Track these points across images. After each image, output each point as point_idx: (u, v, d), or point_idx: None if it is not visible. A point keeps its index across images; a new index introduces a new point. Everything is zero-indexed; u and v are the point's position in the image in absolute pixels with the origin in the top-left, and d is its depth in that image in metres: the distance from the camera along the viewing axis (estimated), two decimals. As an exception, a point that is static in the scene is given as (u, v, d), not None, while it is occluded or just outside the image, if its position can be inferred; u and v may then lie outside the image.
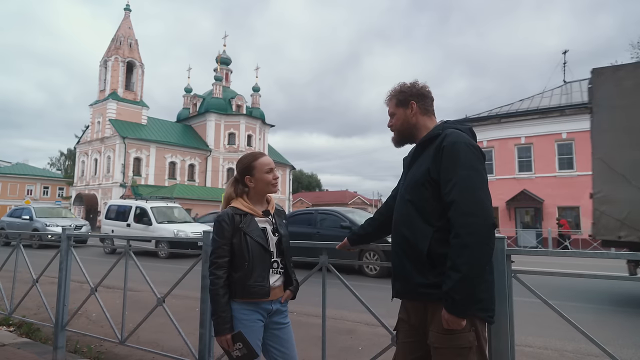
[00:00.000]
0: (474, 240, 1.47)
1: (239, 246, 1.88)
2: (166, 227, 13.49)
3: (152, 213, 13.98)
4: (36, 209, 17.55)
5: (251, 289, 1.87)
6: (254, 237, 1.91)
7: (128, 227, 14.22)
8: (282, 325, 1.99)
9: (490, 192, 1.58)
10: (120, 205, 15.55)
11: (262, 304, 1.92)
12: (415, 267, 1.63)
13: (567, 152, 21.45)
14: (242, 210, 1.96)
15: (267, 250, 1.94)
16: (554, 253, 1.93)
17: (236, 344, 1.82)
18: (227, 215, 1.92)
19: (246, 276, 1.87)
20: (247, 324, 1.87)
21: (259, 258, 1.90)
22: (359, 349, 3.96)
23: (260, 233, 1.94)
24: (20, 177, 55.04)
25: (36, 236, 12.82)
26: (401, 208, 1.75)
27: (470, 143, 1.63)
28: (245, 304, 1.89)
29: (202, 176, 45.68)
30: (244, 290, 1.87)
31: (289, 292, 2.03)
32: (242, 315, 1.88)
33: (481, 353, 1.58)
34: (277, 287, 1.97)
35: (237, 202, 2.00)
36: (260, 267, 1.90)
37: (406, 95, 1.83)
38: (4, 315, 4.42)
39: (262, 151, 2.15)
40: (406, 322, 1.76)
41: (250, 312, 1.89)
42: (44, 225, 15.71)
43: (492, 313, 1.61)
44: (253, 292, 1.87)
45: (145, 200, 15.86)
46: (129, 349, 3.51)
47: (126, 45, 43.55)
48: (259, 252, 1.90)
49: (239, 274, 1.88)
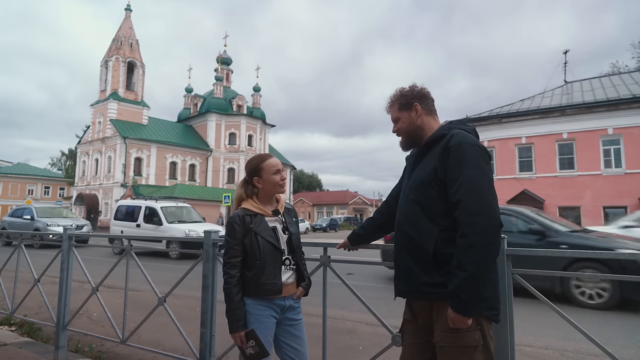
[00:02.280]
0: (480, 239, 1.48)
1: (251, 246, 1.94)
2: (177, 227, 13.15)
3: (162, 213, 13.64)
4: (37, 208, 17.49)
5: (264, 286, 1.92)
6: (264, 237, 1.96)
7: (138, 227, 13.86)
8: (294, 322, 2.03)
9: (496, 192, 1.58)
10: (130, 206, 15.14)
11: (276, 300, 1.96)
12: (420, 267, 1.63)
13: (568, 152, 21.40)
14: (252, 211, 2.01)
15: (278, 249, 1.99)
16: (554, 253, 1.93)
17: (249, 341, 1.86)
18: (238, 217, 1.98)
19: (258, 274, 1.92)
20: (260, 319, 1.92)
21: (270, 256, 1.95)
22: (360, 349, 3.96)
23: (270, 232, 1.99)
24: (21, 177, 55.10)
25: (37, 236, 12.87)
26: (406, 208, 1.74)
27: (477, 143, 1.64)
28: (259, 300, 1.94)
29: (202, 176, 45.70)
30: (257, 287, 1.92)
31: (301, 289, 2.07)
32: (256, 311, 1.93)
33: (487, 351, 1.58)
34: (289, 283, 2.02)
35: (247, 203, 2.05)
36: (272, 265, 1.95)
37: (408, 99, 1.83)
38: (6, 314, 4.43)
39: (268, 153, 2.19)
40: (412, 323, 1.76)
41: (263, 308, 1.94)
42: (45, 225, 15.65)
43: (497, 312, 1.62)
44: (266, 289, 1.92)
45: (155, 200, 15.26)
46: (130, 349, 3.52)
47: (127, 45, 43.58)
48: (270, 250, 1.95)
49: (251, 272, 1.93)
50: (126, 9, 44.53)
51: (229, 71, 52.69)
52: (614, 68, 38.34)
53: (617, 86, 21.96)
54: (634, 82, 21.80)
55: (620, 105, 19.89)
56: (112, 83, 42.25)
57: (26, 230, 14.94)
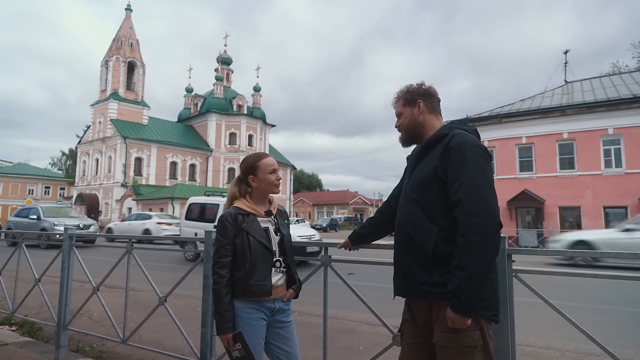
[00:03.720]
0: (479, 239, 1.48)
1: (242, 246, 1.90)
2: None
3: None
4: (43, 208, 17.16)
5: (253, 287, 1.88)
6: (256, 237, 1.92)
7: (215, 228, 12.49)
8: (285, 324, 2.00)
9: (496, 192, 1.58)
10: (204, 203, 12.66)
11: (265, 303, 1.93)
12: (419, 266, 1.63)
13: (568, 152, 21.39)
14: (244, 210, 1.98)
15: (269, 250, 1.95)
16: (555, 253, 1.93)
17: (236, 344, 1.83)
18: (230, 215, 1.95)
19: (248, 275, 1.88)
20: (250, 322, 1.88)
21: (261, 257, 1.91)
22: (360, 349, 3.96)
23: (262, 233, 1.96)
24: (21, 177, 55.11)
25: (44, 236, 12.68)
26: (406, 207, 1.74)
27: (477, 144, 1.64)
28: (248, 303, 1.90)
29: (203, 176, 45.72)
30: (246, 289, 1.88)
31: (292, 291, 2.04)
32: (245, 314, 1.89)
33: (487, 351, 1.58)
34: (279, 285, 1.98)
35: (240, 202, 2.02)
36: (262, 266, 1.91)
37: (413, 95, 1.84)
38: (6, 314, 4.43)
39: (265, 152, 2.15)
40: (411, 323, 1.76)
41: (253, 311, 1.90)
42: (52, 225, 15.33)
43: (496, 312, 1.62)
44: (255, 291, 1.89)
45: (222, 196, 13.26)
46: (131, 349, 3.52)
47: (127, 45, 43.60)
48: (261, 251, 1.92)
49: (240, 273, 1.89)
50: (126, 9, 44.56)
51: (229, 71, 52.70)
52: (614, 68, 38.37)
53: (618, 86, 21.95)
54: (634, 82, 21.79)
55: (621, 105, 19.88)
56: (112, 83, 42.28)
57: (33, 230, 14.73)
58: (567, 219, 21.16)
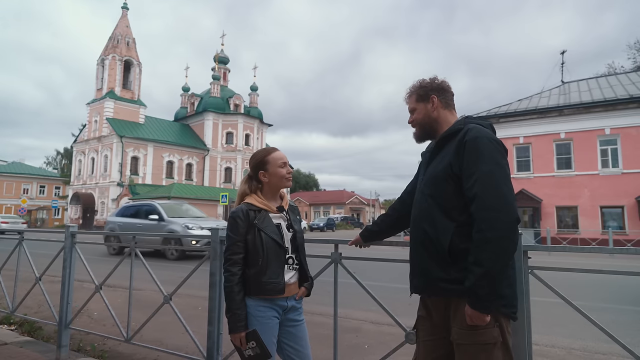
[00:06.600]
0: (496, 235, 1.45)
1: (254, 242, 1.86)
2: None
3: None
4: (163, 205, 12.91)
5: (266, 285, 1.84)
6: (268, 233, 1.88)
7: None
8: (296, 323, 1.96)
9: (513, 187, 1.56)
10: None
11: (278, 301, 1.89)
12: (436, 263, 1.60)
13: (565, 152, 21.50)
14: (256, 206, 1.94)
15: (282, 247, 1.91)
16: (572, 249, 1.91)
17: (250, 342, 1.79)
18: (241, 212, 1.90)
19: (261, 273, 1.84)
20: (262, 321, 1.84)
21: (273, 254, 1.87)
22: (365, 347, 3.93)
23: (274, 229, 1.91)
24: (16, 176, 54.77)
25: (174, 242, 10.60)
26: (421, 203, 1.72)
27: (493, 138, 1.61)
28: (260, 301, 1.86)
29: (199, 175, 45.57)
30: (258, 286, 1.84)
31: (304, 289, 2.00)
32: (258, 312, 1.85)
33: (506, 348, 1.55)
34: (292, 283, 1.94)
35: (251, 198, 1.97)
36: (275, 264, 1.87)
37: (427, 90, 1.81)
38: (6, 313, 4.37)
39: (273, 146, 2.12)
40: (427, 319, 1.73)
41: (265, 309, 1.86)
42: (184, 228, 11.47)
43: (515, 309, 1.59)
44: (268, 288, 1.84)
45: None
46: (133, 347, 3.48)
47: (124, 43, 43.38)
48: (273, 248, 1.88)
49: (253, 270, 1.85)
50: (123, 7, 44.35)
51: (227, 70, 52.58)
52: (610, 69, 38.63)
53: (614, 86, 22.08)
54: (630, 83, 21.93)
55: (618, 105, 20.00)
56: (108, 82, 42.06)
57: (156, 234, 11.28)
58: (564, 218, 21.28)
